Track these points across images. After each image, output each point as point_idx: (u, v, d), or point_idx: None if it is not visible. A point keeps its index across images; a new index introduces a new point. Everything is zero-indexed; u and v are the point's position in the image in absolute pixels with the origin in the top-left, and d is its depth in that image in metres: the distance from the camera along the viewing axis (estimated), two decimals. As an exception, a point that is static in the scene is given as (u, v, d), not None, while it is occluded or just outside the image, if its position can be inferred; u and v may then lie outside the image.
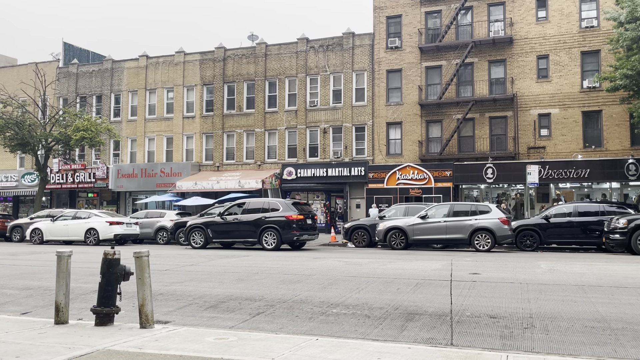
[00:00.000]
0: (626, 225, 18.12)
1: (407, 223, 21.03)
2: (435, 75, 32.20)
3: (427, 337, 6.62)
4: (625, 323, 7.13)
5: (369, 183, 32.07)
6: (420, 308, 8.12)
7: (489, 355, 5.63)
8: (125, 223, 25.04)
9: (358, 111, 33.31)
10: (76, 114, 34.46)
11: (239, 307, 8.42)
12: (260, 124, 35.37)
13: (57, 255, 7.23)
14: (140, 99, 38.44)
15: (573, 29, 29.73)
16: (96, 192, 38.78)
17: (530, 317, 7.46)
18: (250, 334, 6.53)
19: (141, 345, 5.91)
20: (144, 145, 38.09)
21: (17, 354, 5.60)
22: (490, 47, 30.91)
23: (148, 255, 7.00)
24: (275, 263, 14.72)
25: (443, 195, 30.11)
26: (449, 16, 31.69)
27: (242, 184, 32.40)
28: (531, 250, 20.57)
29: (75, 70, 40.17)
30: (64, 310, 7.06)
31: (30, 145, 32.94)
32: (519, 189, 30.27)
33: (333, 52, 34.16)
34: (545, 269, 13.03)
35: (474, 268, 13.05)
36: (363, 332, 6.86)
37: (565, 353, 5.87)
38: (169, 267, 13.53)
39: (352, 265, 13.97)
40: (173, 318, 7.80)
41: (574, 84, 29.52)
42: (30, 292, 10.16)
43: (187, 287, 10.31)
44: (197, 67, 37.25)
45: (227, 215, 21.40)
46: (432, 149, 31.93)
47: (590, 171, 28.11)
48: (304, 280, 11.02)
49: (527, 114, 30.05)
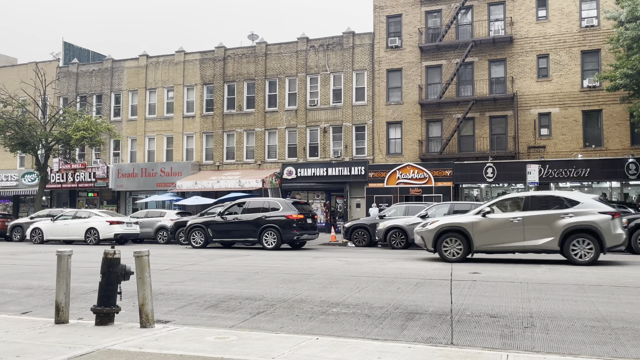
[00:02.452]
0: (626, 224, 18.09)
1: (408, 222, 21.02)
2: (435, 74, 32.20)
3: (428, 336, 6.62)
4: (625, 322, 7.13)
5: (369, 182, 32.07)
6: (420, 307, 8.12)
7: (489, 354, 5.63)
8: (125, 222, 25.04)
9: (358, 110, 33.31)
10: (76, 113, 34.47)
11: (239, 307, 8.42)
12: (261, 124, 35.37)
13: (58, 254, 7.23)
14: (140, 99, 38.44)
15: (573, 28, 29.72)
16: (96, 191, 38.79)
17: (530, 317, 7.46)
18: (250, 334, 6.53)
19: (141, 345, 5.91)
20: (144, 145, 38.09)
21: (18, 353, 5.60)
22: (490, 46, 30.90)
23: (148, 255, 7.00)
24: (275, 262, 14.72)
25: (443, 195, 30.10)
26: (449, 15, 31.68)
27: (242, 184, 32.40)
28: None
29: (75, 69, 40.17)
30: (64, 310, 7.06)
31: (30, 144, 32.94)
32: (519, 189, 30.25)
33: (333, 52, 34.15)
34: (546, 268, 13.02)
35: (474, 267, 13.05)
36: (363, 331, 6.86)
37: (565, 352, 5.87)
38: (169, 267, 13.54)
39: (352, 264, 13.97)
40: (173, 317, 7.80)
41: (574, 83, 29.51)
42: (31, 292, 10.17)
43: (188, 287, 10.31)
44: (197, 66, 37.25)
45: (227, 215, 21.41)
46: (432, 149, 31.93)
47: (590, 170, 28.11)
48: (304, 279, 11.02)
49: (527, 113, 30.05)
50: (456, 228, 14.69)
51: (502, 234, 14.21)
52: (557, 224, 13.73)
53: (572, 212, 13.83)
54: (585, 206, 13.92)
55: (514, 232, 14.10)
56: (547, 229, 13.79)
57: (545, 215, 13.97)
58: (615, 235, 13.63)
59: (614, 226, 13.66)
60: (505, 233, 14.18)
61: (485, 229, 14.37)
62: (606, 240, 13.45)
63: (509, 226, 14.18)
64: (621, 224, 14.04)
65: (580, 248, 13.58)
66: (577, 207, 13.92)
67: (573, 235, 13.61)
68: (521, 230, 14.05)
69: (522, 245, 14.08)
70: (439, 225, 14.97)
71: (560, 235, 13.63)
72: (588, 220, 13.59)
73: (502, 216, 14.43)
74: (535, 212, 14.10)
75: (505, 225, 14.23)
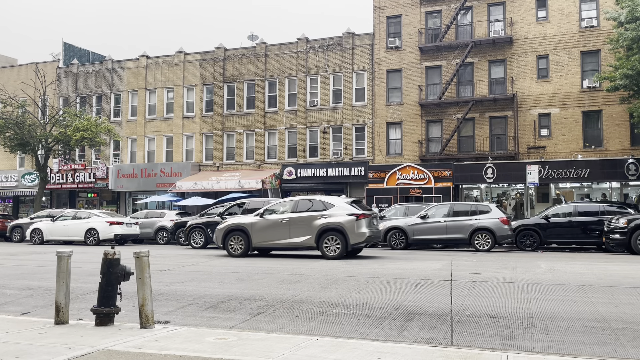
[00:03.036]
0: (626, 225, 18.14)
1: (407, 223, 21.04)
2: (435, 75, 32.20)
3: (427, 337, 6.61)
4: (625, 323, 7.13)
5: (369, 183, 32.07)
6: (420, 308, 8.11)
7: (489, 355, 5.63)
8: (125, 223, 25.05)
9: (358, 111, 33.31)
10: (76, 114, 34.46)
11: (239, 307, 8.41)
12: (260, 124, 35.37)
13: (57, 255, 7.22)
14: (140, 99, 38.45)
15: (573, 28, 29.73)
16: (96, 192, 38.78)
17: (530, 317, 7.46)
18: (250, 334, 6.53)
19: (141, 345, 5.91)
20: (144, 145, 38.09)
21: (18, 354, 5.60)
22: (490, 47, 30.91)
23: (148, 255, 7.00)
24: (275, 263, 14.72)
25: (443, 195, 30.11)
26: (449, 16, 31.69)
27: (242, 184, 32.41)
28: (531, 250, 20.58)
29: (75, 70, 40.17)
30: (64, 310, 7.06)
31: (30, 145, 32.94)
32: (519, 189, 30.26)
33: (333, 52, 34.16)
34: (545, 268, 13.03)
35: (474, 268, 13.05)
36: (363, 332, 6.86)
37: (565, 353, 5.86)
38: (169, 267, 13.53)
39: (352, 265, 13.97)
40: (173, 318, 7.80)
41: (574, 83, 29.52)
42: (31, 292, 10.16)
43: (188, 287, 10.30)
44: (197, 67, 37.25)
45: (227, 216, 21.39)
46: (432, 149, 31.93)
47: (590, 171, 28.11)
48: (304, 280, 11.02)
49: (527, 113, 30.06)
50: (239, 227, 16.75)
51: (274, 232, 16.24)
52: (314, 224, 15.83)
53: (326, 214, 15.93)
54: (338, 209, 15.95)
55: (282, 231, 16.14)
56: (307, 228, 15.87)
57: (306, 217, 16.02)
58: (359, 233, 15.65)
59: (358, 226, 15.65)
60: (276, 232, 16.21)
61: (261, 228, 16.45)
62: (350, 238, 15.54)
63: (278, 226, 16.21)
64: (367, 223, 15.88)
65: (330, 244, 15.68)
66: (331, 209, 15.97)
67: (325, 234, 15.74)
68: (287, 229, 16.09)
69: (288, 242, 16.14)
70: (226, 225, 17.09)
71: (316, 233, 15.73)
72: (336, 221, 15.69)
73: (274, 217, 16.43)
74: (299, 214, 16.16)
75: (276, 225, 16.26)
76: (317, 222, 15.78)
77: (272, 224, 16.25)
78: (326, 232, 15.68)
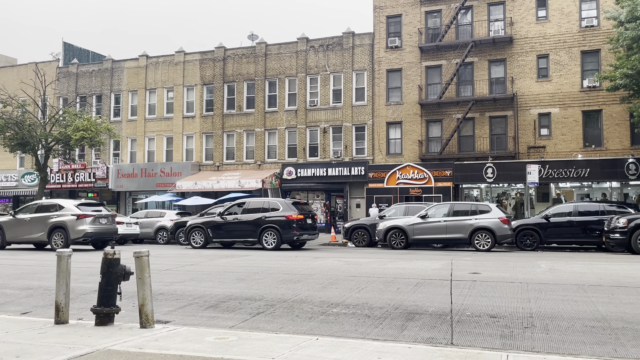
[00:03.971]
0: (626, 224, 18.13)
1: (407, 223, 21.02)
2: (435, 74, 32.19)
3: (428, 336, 6.61)
4: (625, 322, 7.13)
5: (369, 183, 32.07)
6: (420, 308, 8.11)
7: (489, 354, 5.63)
8: (125, 223, 25.03)
9: (358, 111, 33.30)
10: (76, 113, 34.42)
11: (239, 307, 8.41)
12: (260, 124, 35.37)
13: (57, 255, 7.23)
14: (140, 99, 38.44)
15: (573, 28, 29.72)
16: (96, 191, 38.77)
17: (530, 317, 7.46)
18: (250, 334, 6.53)
19: (141, 345, 5.91)
20: (144, 145, 38.09)
21: (17, 353, 5.60)
22: (490, 46, 30.90)
23: (148, 255, 7.00)
24: (275, 263, 14.72)
25: (443, 195, 30.10)
26: (449, 16, 31.68)
27: (242, 184, 32.40)
28: (531, 249, 20.57)
29: (75, 70, 40.17)
30: (64, 310, 7.06)
31: (30, 145, 32.91)
32: (519, 189, 30.25)
33: (333, 52, 34.15)
34: (545, 268, 13.03)
35: (474, 267, 13.05)
36: (363, 331, 6.86)
37: (565, 352, 5.86)
38: (169, 267, 13.53)
39: (352, 264, 13.96)
40: (173, 318, 7.80)
41: (574, 83, 29.51)
42: (31, 292, 10.16)
43: (187, 287, 10.30)
44: (197, 66, 37.25)
45: (227, 215, 21.40)
46: (432, 149, 31.92)
47: (590, 171, 28.10)
48: (304, 279, 11.01)
49: (527, 113, 30.05)
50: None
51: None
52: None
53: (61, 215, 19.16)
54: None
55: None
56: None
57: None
58: (78, 230, 18.39)
59: (81, 223, 18.73)
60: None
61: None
62: (70, 234, 18.27)
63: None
64: (87, 222, 18.75)
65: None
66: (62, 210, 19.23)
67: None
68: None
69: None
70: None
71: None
72: (61, 220, 18.77)
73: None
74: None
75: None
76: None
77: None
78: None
